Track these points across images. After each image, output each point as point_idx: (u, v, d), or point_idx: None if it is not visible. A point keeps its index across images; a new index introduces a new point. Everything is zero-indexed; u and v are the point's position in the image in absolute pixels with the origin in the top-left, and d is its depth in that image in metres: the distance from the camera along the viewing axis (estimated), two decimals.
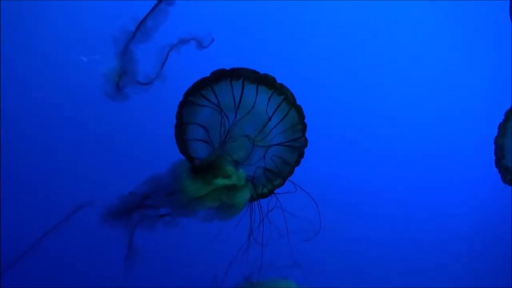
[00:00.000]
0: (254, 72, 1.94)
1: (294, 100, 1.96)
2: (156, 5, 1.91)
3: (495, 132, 2.88)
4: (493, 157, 2.37)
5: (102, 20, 2.97)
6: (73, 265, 2.94)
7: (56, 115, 2.98)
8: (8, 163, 2.82)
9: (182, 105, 1.98)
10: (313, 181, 2.14)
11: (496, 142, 2.20)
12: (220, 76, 1.93)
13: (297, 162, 2.06)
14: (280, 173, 2.08)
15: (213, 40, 1.97)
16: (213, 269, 2.66)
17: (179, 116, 1.97)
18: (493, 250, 3.29)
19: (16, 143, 2.88)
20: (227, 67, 2.02)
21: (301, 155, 2.05)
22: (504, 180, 2.20)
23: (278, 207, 2.15)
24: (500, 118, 3.05)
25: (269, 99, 1.95)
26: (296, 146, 2.03)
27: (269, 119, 1.98)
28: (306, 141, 2.02)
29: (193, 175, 1.94)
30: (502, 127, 2.21)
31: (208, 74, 2.01)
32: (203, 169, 1.95)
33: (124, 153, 3.04)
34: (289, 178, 2.10)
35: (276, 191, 2.12)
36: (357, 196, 3.27)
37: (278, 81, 1.99)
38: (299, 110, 1.96)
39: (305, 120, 2.00)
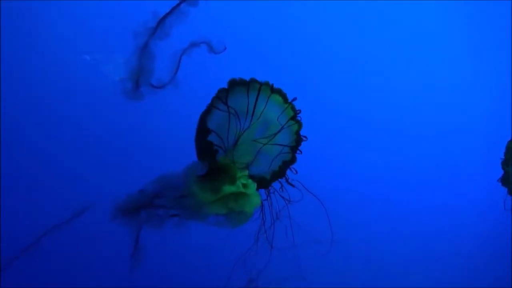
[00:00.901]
0: (271, 86, 2.08)
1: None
2: (176, 6, 1.91)
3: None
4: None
5: (105, 20, 2.96)
6: (78, 263, 2.93)
7: (60, 113, 2.96)
8: (10, 162, 2.80)
9: (206, 112, 2.04)
10: (321, 189, 2.17)
11: (502, 167, 2.52)
12: (240, 86, 2.05)
13: (292, 161, 2.19)
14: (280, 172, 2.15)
15: (225, 48, 2.00)
16: (216, 271, 2.67)
17: (203, 122, 2.01)
18: (494, 251, 3.32)
19: (17, 142, 2.86)
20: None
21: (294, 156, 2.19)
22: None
23: (286, 216, 2.17)
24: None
25: (281, 113, 2.13)
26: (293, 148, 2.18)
27: (282, 127, 2.13)
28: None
29: (202, 181, 1.95)
30: (506, 156, 2.50)
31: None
32: (212, 175, 1.97)
33: (125, 153, 3.02)
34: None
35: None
36: (363, 205, 3.30)
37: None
38: (299, 124, 2.17)
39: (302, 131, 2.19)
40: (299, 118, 2.16)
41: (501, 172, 2.62)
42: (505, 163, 2.48)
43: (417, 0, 3.32)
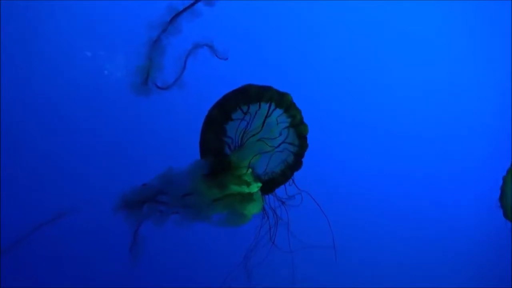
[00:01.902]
0: (278, 94, 2.04)
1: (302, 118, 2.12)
2: (191, 5, 1.91)
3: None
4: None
5: (107, 17, 2.96)
6: (78, 258, 2.94)
7: (61, 110, 2.96)
8: (10, 160, 2.80)
9: (225, 119, 2.02)
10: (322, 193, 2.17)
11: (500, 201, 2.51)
12: (254, 95, 2.02)
13: (296, 167, 2.16)
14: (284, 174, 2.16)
15: (227, 58, 1.99)
16: (215, 270, 2.67)
17: (222, 128, 2.01)
18: (494, 252, 3.31)
19: (18, 139, 2.86)
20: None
21: (299, 161, 2.16)
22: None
23: (285, 219, 2.17)
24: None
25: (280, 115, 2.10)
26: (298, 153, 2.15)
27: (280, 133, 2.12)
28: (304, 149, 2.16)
29: (208, 179, 1.95)
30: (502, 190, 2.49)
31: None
32: (217, 174, 1.97)
33: (126, 150, 3.02)
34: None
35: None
36: (365, 210, 3.29)
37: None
38: (305, 127, 2.13)
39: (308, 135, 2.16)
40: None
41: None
42: (501, 198, 2.47)
43: (419, 1, 3.31)
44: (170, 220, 2.02)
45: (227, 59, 2.02)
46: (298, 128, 2.10)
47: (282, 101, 2.04)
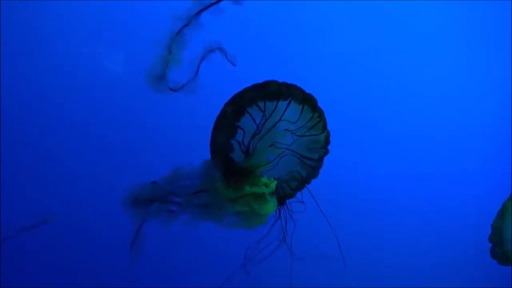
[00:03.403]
0: (302, 92, 1.98)
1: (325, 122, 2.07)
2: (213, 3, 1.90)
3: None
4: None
5: (106, 14, 2.94)
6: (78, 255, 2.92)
7: (59, 108, 2.94)
8: (10, 159, 2.78)
9: (237, 116, 1.95)
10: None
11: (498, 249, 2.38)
12: (272, 91, 1.95)
13: (308, 179, 2.13)
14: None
15: (235, 65, 1.96)
16: (215, 270, 2.68)
17: (233, 125, 1.95)
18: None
19: (17, 137, 2.84)
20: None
21: (315, 172, 2.14)
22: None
23: (291, 225, 2.17)
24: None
25: (310, 118, 2.04)
26: (312, 166, 2.12)
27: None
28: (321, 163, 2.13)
29: (224, 178, 1.92)
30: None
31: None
32: (237, 173, 1.94)
33: (127, 150, 3.00)
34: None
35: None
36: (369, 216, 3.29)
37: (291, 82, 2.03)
38: (327, 134, 2.07)
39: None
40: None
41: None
42: (499, 245, 2.37)
43: (426, 1, 3.32)
44: (179, 221, 2.01)
45: (235, 65, 2.00)
46: (322, 133, 2.04)
47: (305, 101, 1.98)
